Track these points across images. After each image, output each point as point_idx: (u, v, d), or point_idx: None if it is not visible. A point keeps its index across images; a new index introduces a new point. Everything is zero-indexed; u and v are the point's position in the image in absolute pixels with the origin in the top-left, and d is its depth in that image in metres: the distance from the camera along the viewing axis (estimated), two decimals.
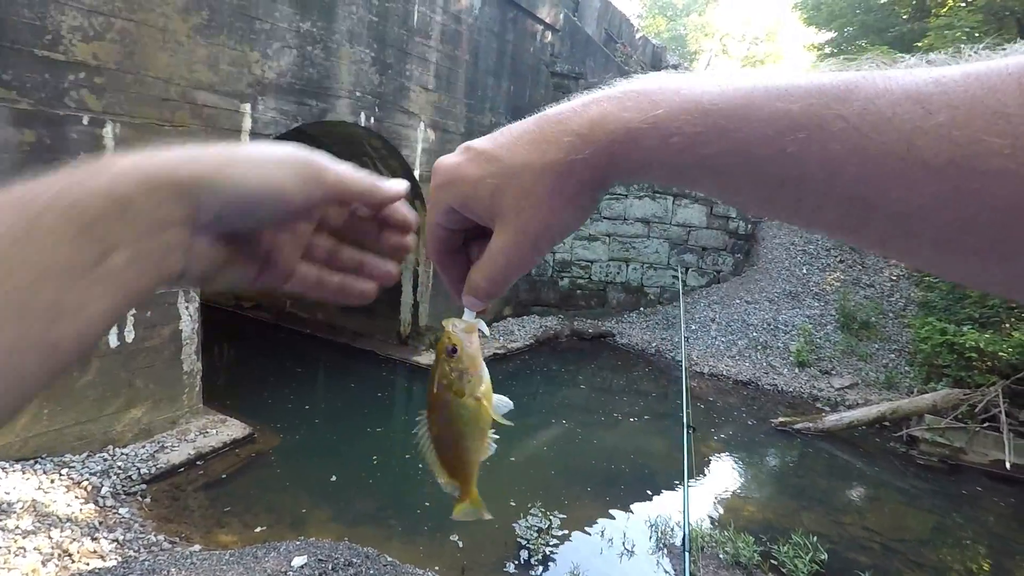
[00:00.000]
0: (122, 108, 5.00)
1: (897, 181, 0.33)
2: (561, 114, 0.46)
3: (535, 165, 0.46)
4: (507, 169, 0.47)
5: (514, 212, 0.47)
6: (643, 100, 0.43)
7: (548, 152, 0.45)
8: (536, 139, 0.46)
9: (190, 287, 2.75)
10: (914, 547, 5.92)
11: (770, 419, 8.50)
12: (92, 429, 5.25)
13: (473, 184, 0.49)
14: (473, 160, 0.49)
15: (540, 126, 0.47)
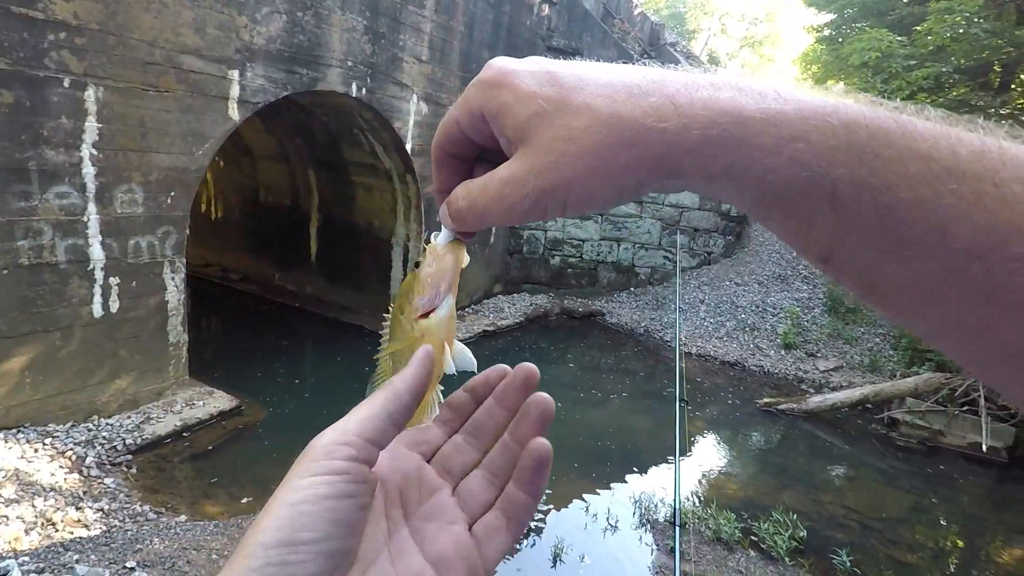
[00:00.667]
0: (105, 71, 4.86)
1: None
2: (661, 75, 0.39)
3: (600, 112, 0.39)
4: (565, 100, 0.40)
5: (544, 149, 0.40)
6: (765, 89, 0.37)
7: (623, 105, 0.38)
8: (616, 85, 0.39)
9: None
10: (891, 526, 6.05)
11: (755, 400, 8.59)
12: (76, 399, 5.20)
13: (519, 97, 0.42)
14: (534, 73, 0.42)
15: (628, 75, 0.40)
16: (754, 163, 0.35)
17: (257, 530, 0.37)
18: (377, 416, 0.43)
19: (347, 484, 0.39)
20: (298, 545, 0.36)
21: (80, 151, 4.84)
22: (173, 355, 5.96)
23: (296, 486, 0.38)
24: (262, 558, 0.35)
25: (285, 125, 9.44)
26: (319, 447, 0.40)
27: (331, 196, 10.37)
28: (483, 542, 0.45)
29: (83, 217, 4.97)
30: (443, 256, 0.51)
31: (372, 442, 0.42)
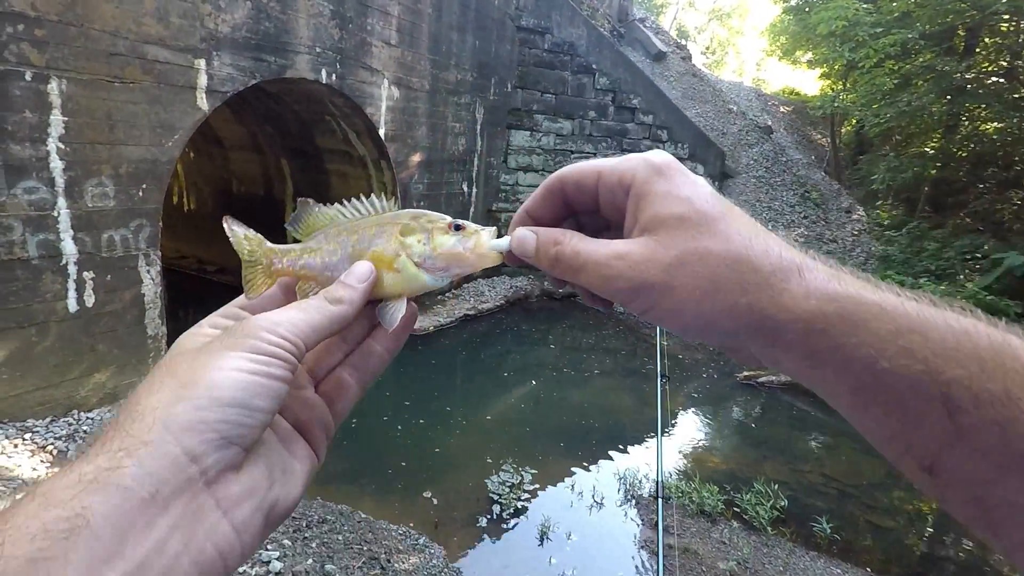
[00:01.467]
0: (67, 63, 4.73)
1: None
2: (796, 249, 0.42)
3: (736, 249, 0.41)
4: (713, 221, 0.42)
5: (670, 248, 0.42)
6: (883, 284, 0.39)
7: (757, 254, 0.41)
8: (759, 234, 0.42)
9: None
10: (868, 491, 6.25)
11: (735, 373, 8.75)
12: (55, 394, 5.14)
13: (674, 194, 0.44)
14: (697, 184, 0.45)
15: (770, 234, 0.43)
16: (865, 346, 0.35)
17: (206, 383, 0.38)
18: (320, 332, 0.46)
19: (287, 372, 0.42)
20: (253, 411, 0.39)
21: (47, 145, 4.72)
22: (152, 348, 5.90)
23: (249, 358, 0.40)
24: (218, 413, 0.37)
25: (255, 114, 9.28)
26: (272, 334, 0.43)
27: (305, 184, 10.25)
28: (333, 399, 0.51)
29: (53, 212, 4.88)
30: (481, 255, 0.53)
31: (308, 347, 0.45)
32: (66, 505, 0.31)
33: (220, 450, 0.37)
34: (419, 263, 0.53)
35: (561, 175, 0.51)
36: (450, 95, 9.84)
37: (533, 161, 12.12)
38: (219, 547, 0.36)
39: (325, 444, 0.50)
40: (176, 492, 0.34)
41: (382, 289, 0.53)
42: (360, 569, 3.96)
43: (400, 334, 0.54)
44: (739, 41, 40.50)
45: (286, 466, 0.44)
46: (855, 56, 11.91)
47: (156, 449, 0.34)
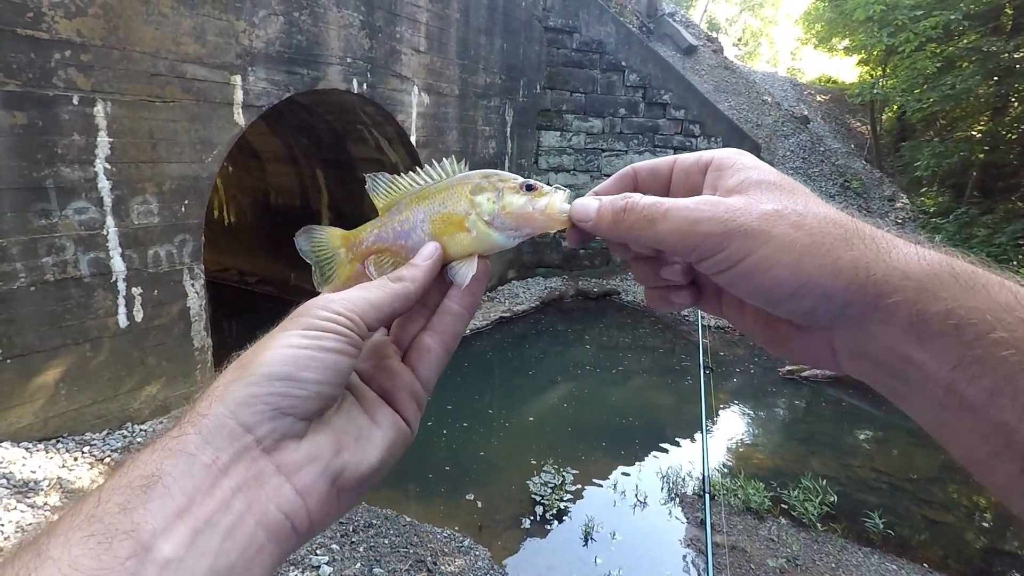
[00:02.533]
0: (111, 85, 4.92)
1: None
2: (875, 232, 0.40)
3: (834, 211, 0.41)
4: (802, 191, 0.43)
5: (767, 198, 0.41)
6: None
7: (860, 220, 0.41)
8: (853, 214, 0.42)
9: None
10: (922, 485, 6.03)
11: (778, 368, 8.56)
12: (110, 407, 5.34)
13: (759, 166, 0.44)
14: (780, 172, 0.45)
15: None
16: (982, 313, 0.33)
17: (258, 362, 0.41)
18: (383, 309, 0.48)
19: (348, 346, 0.44)
20: (303, 383, 0.41)
21: (94, 166, 4.92)
22: (199, 360, 6.08)
23: (300, 334, 0.43)
24: (267, 387, 0.40)
25: (290, 126, 9.49)
26: (325, 309, 0.45)
27: (340, 194, 10.43)
28: (418, 365, 0.52)
29: (102, 231, 5.07)
30: (551, 217, 0.53)
31: (370, 327, 0.47)
32: (147, 466, 0.36)
33: (273, 420, 0.39)
34: (489, 221, 0.53)
35: (635, 164, 0.52)
36: (479, 99, 9.89)
37: (564, 161, 12.08)
38: (283, 509, 0.39)
39: (416, 411, 0.51)
40: (235, 458, 0.38)
41: (454, 249, 0.54)
42: (407, 572, 4.00)
43: (474, 289, 0.54)
44: (772, 31, 39.66)
45: (362, 434, 0.46)
46: (894, 41, 11.55)
47: (213, 421, 0.38)
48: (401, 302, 0.49)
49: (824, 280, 0.38)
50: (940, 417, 0.36)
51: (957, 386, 0.34)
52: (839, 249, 0.38)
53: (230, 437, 0.38)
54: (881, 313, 0.36)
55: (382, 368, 0.51)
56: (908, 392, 0.37)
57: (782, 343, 0.45)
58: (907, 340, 0.35)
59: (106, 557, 0.32)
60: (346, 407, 0.46)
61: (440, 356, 0.53)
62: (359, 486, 0.45)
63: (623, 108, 12.29)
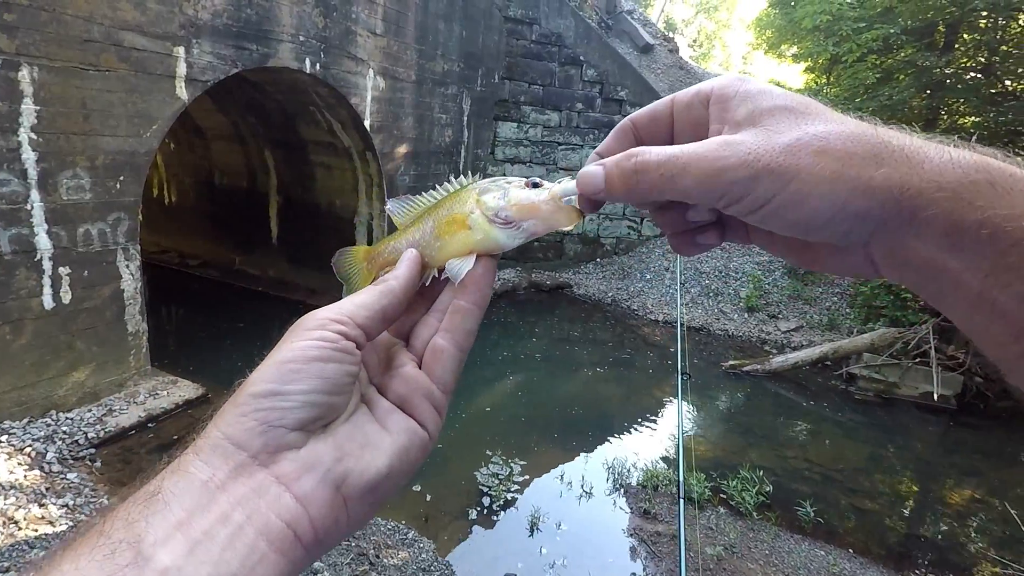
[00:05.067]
0: (39, 49, 4.60)
1: None
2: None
3: (856, 128, 0.38)
4: (819, 109, 0.40)
5: (783, 130, 0.39)
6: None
7: (884, 133, 0.38)
8: (867, 122, 0.40)
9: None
10: (851, 475, 6.34)
11: (721, 362, 8.82)
12: (31, 394, 5.03)
13: (768, 91, 0.42)
14: (790, 91, 0.43)
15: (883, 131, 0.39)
16: (1018, 220, 0.33)
17: (248, 383, 0.42)
18: (372, 307, 0.48)
19: (334, 351, 0.44)
20: (287, 395, 0.41)
21: (18, 135, 4.59)
22: (133, 345, 5.80)
23: (288, 348, 0.43)
24: (252, 405, 0.41)
25: (238, 104, 9.12)
26: (314, 319, 0.45)
27: (290, 176, 10.11)
28: (433, 367, 0.52)
29: (26, 205, 4.75)
30: (555, 206, 0.51)
31: (363, 328, 0.47)
32: (149, 486, 0.38)
33: (263, 435, 0.40)
34: (492, 218, 0.53)
35: (633, 114, 0.50)
36: (437, 86, 9.75)
37: (520, 153, 12.07)
38: (283, 518, 0.39)
39: (434, 414, 0.51)
40: (232, 475, 0.39)
41: (455, 248, 0.54)
42: (348, 566, 3.93)
43: (480, 284, 0.53)
44: (726, 34, 40.59)
45: (369, 440, 0.45)
46: (839, 50, 11.99)
47: (208, 442, 0.40)
48: (388, 298, 0.49)
49: (858, 203, 0.37)
50: (974, 319, 0.37)
51: (989, 293, 0.34)
52: (869, 168, 0.36)
53: (224, 456, 0.39)
54: (917, 226, 0.36)
55: (396, 376, 0.51)
56: (944, 297, 0.38)
57: (818, 261, 0.44)
58: (943, 250, 0.35)
59: (108, 565, 0.33)
60: (355, 418, 0.46)
61: (454, 355, 0.52)
62: (368, 494, 0.44)
63: (580, 102, 12.35)
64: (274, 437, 0.40)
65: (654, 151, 0.43)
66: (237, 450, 0.40)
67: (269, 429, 0.40)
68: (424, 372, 0.51)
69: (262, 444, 0.40)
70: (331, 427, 0.44)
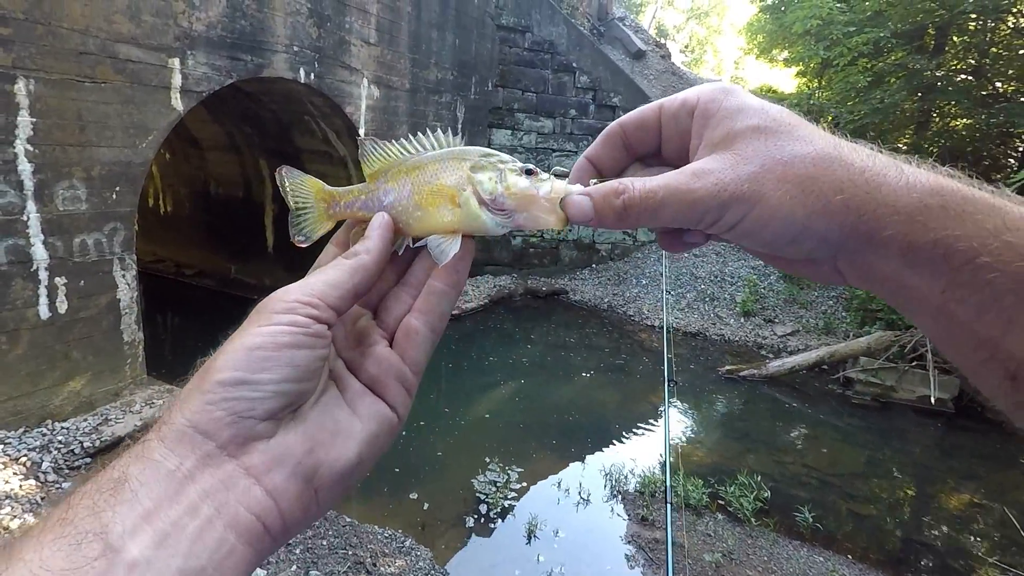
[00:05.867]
0: (35, 62, 4.61)
1: None
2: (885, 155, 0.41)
3: (823, 149, 0.40)
4: (791, 128, 0.42)
5: (751, 158, 0.41)
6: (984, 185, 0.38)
7: (848, 152, 0.40)
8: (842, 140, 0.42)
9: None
10: (848, 480, 6.34)
11: (718, 368, 8.82)
12: (27, 404, 5.01)
13: (746, 107, 0.44)
14: (769, 102, 0.45)
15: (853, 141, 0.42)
16: (967, 239, 0.35)
17: (212, 369, 0.40)
18: (342, 285, 0.46)
19: (306, 337, 0.42)
20: (256, 384, 0.40)
21: (14, 147, 4.60)
22: (129, 354, 5.78)
23: (256, 332, 0.41)
24: (220, 393, 0.39)
25: (232, 114, 9.14)
26: (282, 302, 0.43)
27: None
28: (405, 348, 0.50)
29: (22, 216, 4.75)
30: (554, 204, 0.50)
31: (334, 308, 0.45)
32: (114, 471, 0.37)
33: (232, 426, 0.39)
34: (486, 201, 0.50)
35: (622, 119, 0.51)
36: (431, 94, 9.79)
37: None
38: (253, 511, 0.39)
39: (405, 396, 0.49)
40: (199, 465, 0.38)
41: (437, 223, 0.51)
42: (345, 574, 3.92)
43: (458, 267, 0.51)
44: (717, 40, 40.85)
45: (340, 428, 0.44)
46: (829, 54, 12.07)
47: (174, 430, 0.38)
48: (360, 275, 0.47)
49: (818, 225, 0.39)
50: (936, 330, 0.39)
51: (948, 307, 0.37)
52: (828, 193, 0.39)
53: (191, 445, 0.38)
54: (876, 246, 0.39)
55: (367, 355, 0.49)
56: (909, 307, 0.40)
57: (794, 269, 0.47)
58: (902, 267, 0.38)
59: (76, 557, 0.32)
60: (325, 400, 0.45)
61: (428, 337, 0.51)
62: (338, 483, 0.43)
63: (573, 109, 12.41)
64: (243, 428, 0.39)
65: (636, 189, 0.45)
66: (204, 440, 0.38)
67: (238, 420, 0.39)
68: (396, 352, 0.50)
69: (231, 435, 0.39)
70: (300, 412, 0.43)
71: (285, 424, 0.42)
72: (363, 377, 0.48)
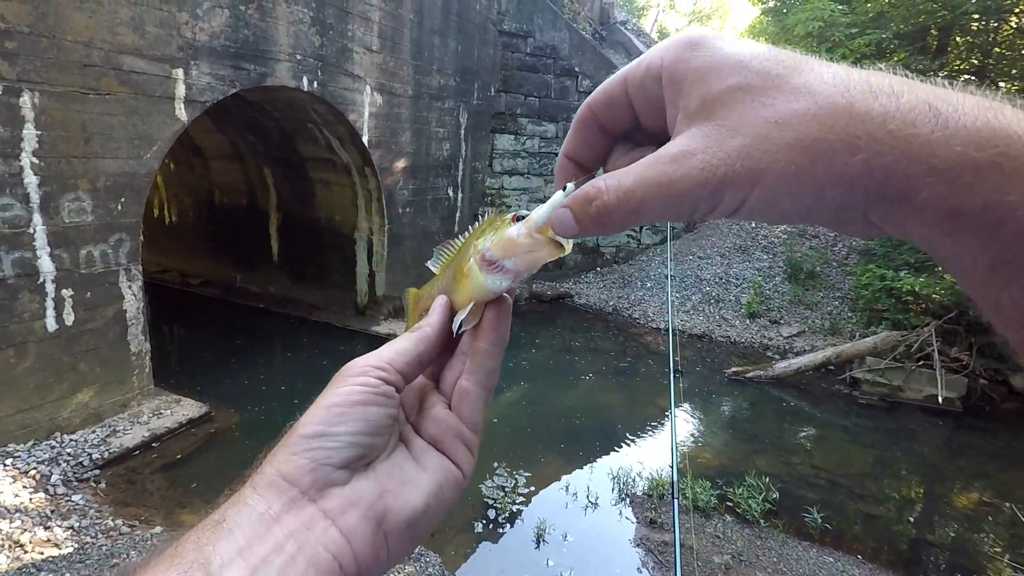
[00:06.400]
0: (40, 75, 4.66)
1: None
2: (909, 79, 0.32)
3: (828, 99, 0.32)
4: (782, 78, 0.33)
5: (739, 128, 0.34)
6: None
7: (859, 98, 0.31)
8: (852, 75, 0.33)
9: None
10: (857, 480, 6.30)
11: (724, 369, 8.80)
12: (36, 417, 5.04)
13: (722, 63, 0.36)
14: (748, 45, 0.36)
15: (866, 71, 0.33)
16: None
17: (298, 426, 0.46)
18: (409, 353, 0.52)
19: (376, 395, 0.47)
20: (333, 436, 0.45)
21: (20, 160, 4.64)
22: (136, 365, 5.81)
23: (334, 393, 0.47)
24: (302, 445, 0.45)
25: (236, 123, 9.19)
26: (356, 366, 0.49)
27: (289, 193, 10.17)
28: (460, 408, 0.54)
29: (28, 229, 4.79)
30: (533, 237, 0.47)
31: (402, 373, 0.50)
32: (215, 514, 0.42)
33: (312, 473, 0.44)
34: (479, 261, 0.52)
35: (588, 101, 0.45)
36: (433, 100, 9.82)
37: (518, 164, 12.13)
38: (330, 550, 0.42)
39: (466, 453, 0.53)
40: (285, 508, 0.43)
41: (460, 299, 0.56)
42: None
43: (496, 325, 0.55)
44: None
45: (407, 478, 0.49)
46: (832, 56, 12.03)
47: (264, 478, 0.44)
48: (424, 344, 0.53)
49: (834, 195, 0.32)
50: (983, 302, 0.32)
51: (994, 282, 0.31)
52: (843, 155, 0.31)
53: (278, 491, 0.43)
54: (908, 210, 0.31)
55: (429, 416, 0.54)
56: (951, 270, 0.33)
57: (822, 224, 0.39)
58: (943, 233, 0.31)
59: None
60: (394, 456, 0.50)
61: (479, 395, 0.54)
62: (407, 529, 0.47)
63: (576, 113, 12.41)
64: (322, 474, 0.44)
65: (610, 189, 0.39)
66: (289, 486, 0.44)
67: (318, 467, 0.44)
68: (454, 413, 0.54)
69: (311, 481, 0.44)
70: (373, 465, 0.48)
71: (359, 473, 0.46)
72: (425, 436, 0.53)
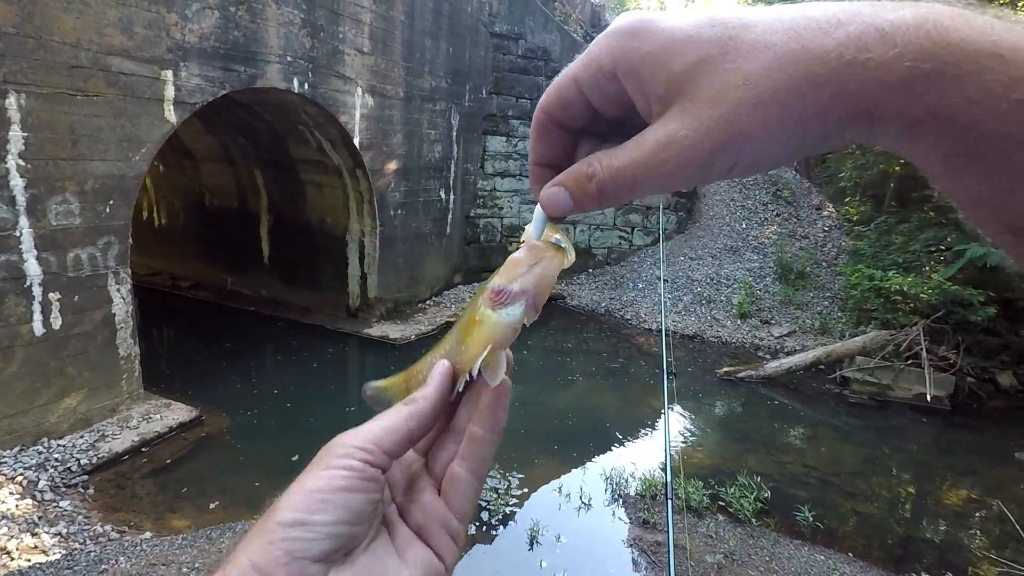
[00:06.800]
0: (26, 76, 4.61)
1: None
2: (853, 4, 0.33)
3: (782, 48, 0.33)
4: (734, 40, 0.35)
5: (711, 100, 0.35)
6: (991, 20, 0.31)
7: (811, 38, 0.33)
8: (798, 19, 0.34)
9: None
10: (848, 479, 6.35)
11: (716, 369, 8.84)
12: (22, 422, 4.98)
13: (672, 44, 0.37)
14: (688, 17, 0.37)
15: (811, 8, 0.34)
16: (971, 105, 0.30)
17: (276, 509, 0.43)
18: (399, 431, 0.47)
19: (360, 481, 0.44)
20: (312, 526, 0.42)
21: (6, 162, 4.59)
22: (125, 369, 5.76)
23: (316, 475, 0.44)
24: (279, 533, 0.41)
25: (226, 125, 9.14)
26: (341, 445, 0.45)
27: (280, 195, 10.12)
28: (449, 495, 0.51)
29: (15, 231, 4.74)
30: (536, 253, 0.47)
31: (389, 453, 0.46)
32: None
33: (287, 565, 0.41)
34: (488, 301, 0.49)
35: (542, 105, 0.46)
36: (425, 102, 9.81)
37: (510, 166, 12.14)
38: None
39: (450, 545, 0.50)
40: None
41: (474, 348, 0.50)
42: None
43: (494, 409, 0.52)
44: None
45: (388, 572, 0.46)
46: None
47: (238, 569, 0.41)
48: (416, 421, 0.49)
49: (815, 130, 0.35)
50: (942, 183, 0.36)
51: (949, 173, 0.34)
52: (812, 95, 0.33)
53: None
54: (877, 124, 0.34)
55: (416, 501, 0.51)
56: (919, 166, 0.36)
57: (809, 154, 0.43)
58: (906, 140, 0.34)
59: None
60: (375, 545, 0.46)
61: (470, 483, 0.51)
62: None
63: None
64: (297, 568, 0.41)
65: (605, 170, 0.41)
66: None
67: (293, 560, 0.41)
68: (443, 499, 0.51)
69: (287, 573, 0.41)
70: (352, 556, 0.45)
71: (336, 566, 0.43)
72: (411, 523, 0.49)
